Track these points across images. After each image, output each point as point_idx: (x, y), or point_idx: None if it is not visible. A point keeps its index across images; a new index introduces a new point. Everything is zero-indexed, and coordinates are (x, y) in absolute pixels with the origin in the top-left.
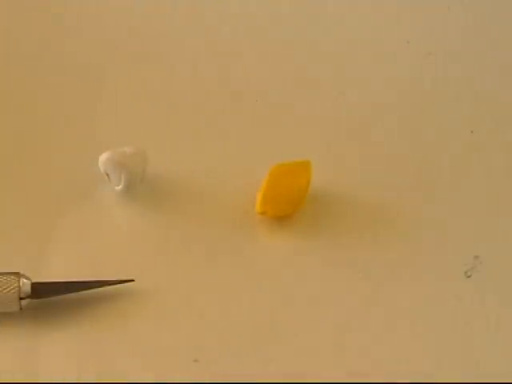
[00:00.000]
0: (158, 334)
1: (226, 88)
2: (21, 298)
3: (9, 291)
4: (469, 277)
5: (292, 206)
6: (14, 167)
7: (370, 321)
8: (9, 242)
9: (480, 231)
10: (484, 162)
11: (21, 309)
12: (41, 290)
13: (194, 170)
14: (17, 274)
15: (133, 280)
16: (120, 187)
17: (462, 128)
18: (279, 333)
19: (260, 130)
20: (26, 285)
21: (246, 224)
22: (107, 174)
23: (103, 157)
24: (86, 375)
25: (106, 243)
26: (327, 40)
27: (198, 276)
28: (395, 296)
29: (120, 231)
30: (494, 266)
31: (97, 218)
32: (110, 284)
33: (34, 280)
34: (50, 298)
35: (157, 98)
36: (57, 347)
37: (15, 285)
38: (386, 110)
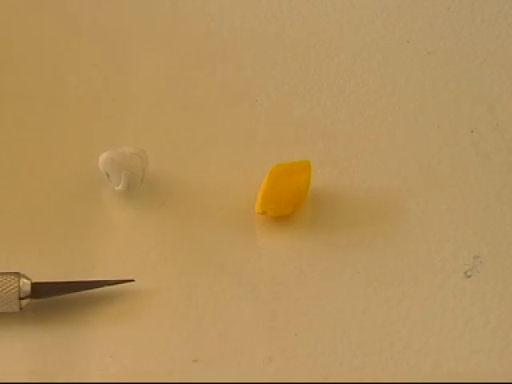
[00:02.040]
0: (157, 334)
1: (226, 88)
2: (21, 298)
3: (9, 291)
4: (469, 277)
5: (292, 205)
6: (13, 167)
7: (369, 321)
8: (9, 242)
9: (480, 231)
10: (484, 162)
11: (21, 309)
12: (41, 290)
13: (194, 170)
14: (17, 274)
15: (133, 280)
16: (120, 187)
17: (462, 128)
18: (279, 333)
19: (260, 129)
20: (25, 285)
21: (246, 224)
22: (107, 174)
23: (103, 157)
24: (86, 375)
25: (106, 243)
26: (327, 40)
27: (198, 276)
28: (395, 296)
29: (120, 231)
30: (494, 266)
31: (97, 217)
32: (109, 284)
33: (34, 280)
34: (50, 298)
35: (157, 98)
36: (57, 347)
37: (15, 285)
38: (386, 109)
